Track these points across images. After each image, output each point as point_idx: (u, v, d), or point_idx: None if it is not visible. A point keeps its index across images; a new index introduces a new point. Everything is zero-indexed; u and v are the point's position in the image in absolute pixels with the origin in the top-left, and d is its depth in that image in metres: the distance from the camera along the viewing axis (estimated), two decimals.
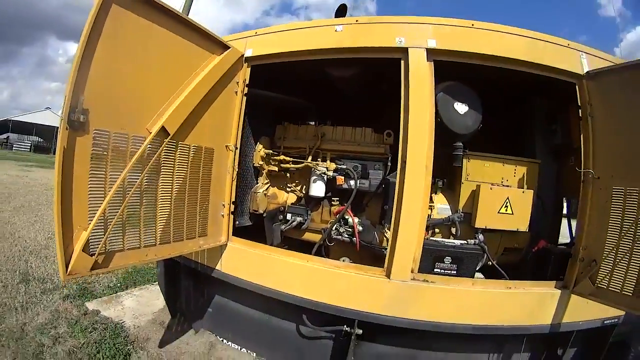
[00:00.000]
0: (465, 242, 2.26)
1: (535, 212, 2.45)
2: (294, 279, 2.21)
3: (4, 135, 31.28)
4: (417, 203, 1.92)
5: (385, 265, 2.02)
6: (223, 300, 2.80)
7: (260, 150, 2.79)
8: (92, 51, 1.45)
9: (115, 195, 1.60)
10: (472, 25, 2.02)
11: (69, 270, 1.49)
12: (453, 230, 2.39)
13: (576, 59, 2.10)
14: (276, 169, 2.83)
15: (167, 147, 1.84)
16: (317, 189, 2.57)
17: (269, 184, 2.91)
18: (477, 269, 2.36)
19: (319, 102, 3.00)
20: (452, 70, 2.05)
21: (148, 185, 1.80)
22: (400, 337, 2.26)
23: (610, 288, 1.90)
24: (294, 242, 2.87)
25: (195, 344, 2.83)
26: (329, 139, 2.72)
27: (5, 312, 2.87)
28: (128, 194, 1.66)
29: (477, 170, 2.44)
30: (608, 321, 2.27)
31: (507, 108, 3.06)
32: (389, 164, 2.51)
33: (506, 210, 2.36)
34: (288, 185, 2.91)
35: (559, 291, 2.14)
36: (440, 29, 2.02)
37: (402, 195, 1.93)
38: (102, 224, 1.58)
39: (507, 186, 2.45)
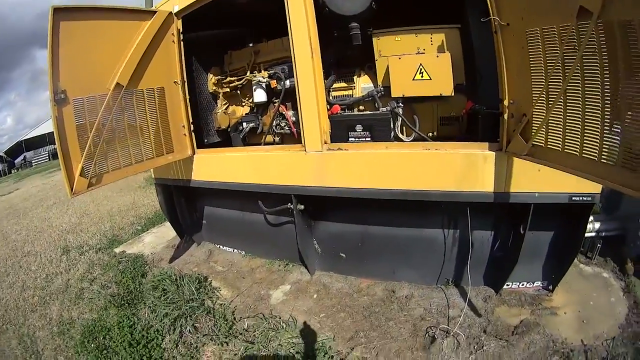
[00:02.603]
0: (378, 111, 3.33)
1: (473, 77, 3.17)
2: (243, 169, 3.55)
3: (21, 157, 37.52)
4: (310, 80, 2.97)
5: (302, 141, 3.15)
6: (210, 210, 4.32)
7: (211, 78, 4.14)
8: (57, 52, 2.74)
9: (94, 136, 2.98)
10: None
11: (73, 190, 2.91)
12: (376, 105, 3.45)
13: None
14: (228, 90, 4.16)
15: (124, 95, 3.19)
16: (259, 95, 3.78)
17: (227, 104, 4.27)
18: (407, 139, 3.36)
19: (252, 26, 4.18)
20: None
21: (118, 124, 3.19)
22: (348, 213, 3.37)
23: (549, 146, 2.05)
24: None
25: (197, 254, 4.44)
26: (264, 53, 3.92)
27: (53, 278, 4.66)
28: (103, 133, 3.06)
29: (388, 46, 3.31)
30: (577, 197, 2.42)
31: None
32: None
33: (422, 76, 3.23)
34: (242, 100, 4.22)
35: (493, 153, 2.49)
36: None
37: (298, 78, 3.03)
38: (90, 156, 2.97)
39: (422, 54, 3.35)
